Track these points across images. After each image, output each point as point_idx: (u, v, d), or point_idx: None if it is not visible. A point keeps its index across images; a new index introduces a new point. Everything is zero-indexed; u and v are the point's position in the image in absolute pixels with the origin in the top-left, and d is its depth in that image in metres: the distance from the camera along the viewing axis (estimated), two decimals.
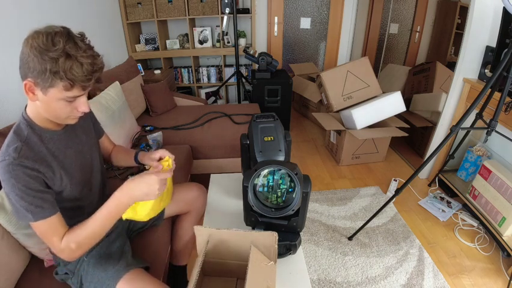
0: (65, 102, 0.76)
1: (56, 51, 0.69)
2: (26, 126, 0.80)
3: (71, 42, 0.71)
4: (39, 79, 0.71)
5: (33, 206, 0.75)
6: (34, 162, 0.76)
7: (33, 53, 0.69)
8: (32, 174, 0.75)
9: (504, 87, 1.27)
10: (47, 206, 0.77)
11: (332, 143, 2.69)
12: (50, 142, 0.83)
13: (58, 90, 0.73)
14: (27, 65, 0.71)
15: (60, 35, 0.70)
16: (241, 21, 3.36)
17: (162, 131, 2.10)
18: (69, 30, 0.74)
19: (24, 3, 1.62)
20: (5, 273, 0.98)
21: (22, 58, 0.72)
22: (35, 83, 0.72)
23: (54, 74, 0.70)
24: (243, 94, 3.28)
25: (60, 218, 0.80)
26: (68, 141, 0.89)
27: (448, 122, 2.09)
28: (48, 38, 0.69)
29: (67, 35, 0.72)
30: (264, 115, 1.02)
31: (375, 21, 3.79)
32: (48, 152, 0.82)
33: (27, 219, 0.76)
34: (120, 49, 2.99)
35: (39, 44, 0.69)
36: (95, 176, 1.01)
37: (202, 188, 1.34)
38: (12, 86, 1.49)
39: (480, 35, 1.79)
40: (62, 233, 0.79)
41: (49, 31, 0.70)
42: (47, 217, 0.77)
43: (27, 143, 0.78)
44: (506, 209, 1.57)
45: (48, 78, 0.70)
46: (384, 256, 1.66)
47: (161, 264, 1.17)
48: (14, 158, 0.73)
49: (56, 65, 0.69)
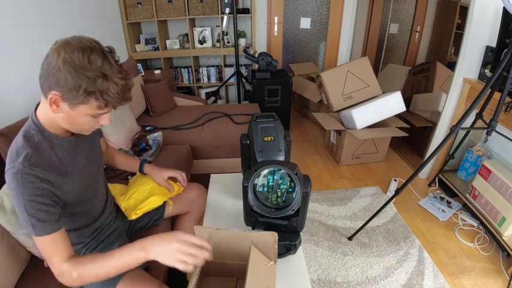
0: (90, 118, 0.76)
1: (93, 71, 0.67)
2: (36, 132, 0.77)
3: (106, 62, 0.70)
4: (69, 95, 0.69)
5: (35, 219, 0.72)
6: (44, 171, 0.75)
7: (67, 69, 0.66)
8: (40, 185, 0.73)
9: (504, 87, 1.27)
10: (50, 221, 0.74)
11: (332, 143, 2.69)
12: (61, 149, 0.82)
13: (89, 107, 0.72)
14: (55, 78, 0.68)
15: (97, 53, 0.69)
16: (241, 21, 3.36)
17: (162, 131, 2.10)
18: (101, 46, 0.73)
19: (24, 3, 1.62)
20: (5, 273, 0.98)
21: (48, 70, 0.68)
22: (62, 98, 0.70)
23: (89, 94, 0.69)
24: (243, 94, 3.28)
25: (63, 237, 0.77)
26: (77, 148, 0.88)
27: (447, 122, 2.08)
28: (85, 55, 0.67)
29: (103, 54, 0.70)
30: (264, 115, 1.02)
31: (375, 21, 3.79)
32: (57, 159, 0.80)
33: (29, 231, 0.73)
34: (120, 49, 2.99)
35: (74, 60, 0.66)
36: (99, 179, 1.01)
37: (202, 188, 1.34)
38: (13, 86, 1.49)
39: (480, 35, 1.79)
40: (64, 255, 0.75)
41: (84, 46, 0.68)
42: (49, 233, 0.73)
43: (37, 149, 0.76)
44: (506, 209, 1.57)
45: (81, 96, 0.69)
46: (384, 256, 1.66)
47: (161, 265, 1.16)
48: (24, 165, 0.71)
49: (93, 85, 0.68)
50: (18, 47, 1.55)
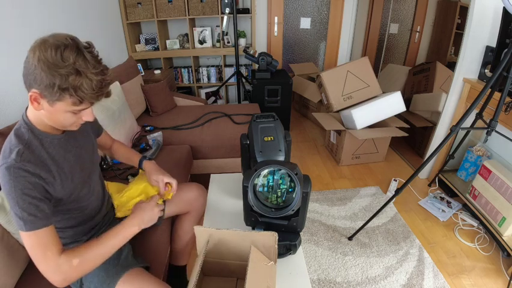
0: (71, 114, 0.76)
1: (65, 68, 0.67)
2: (27, 130, 0.79)
3: (80, 57, 0.69)
4: (46, 92, 0.69)
5: (26, 213, 0.71)
6: (35, 167, 0.75)
7: (41, 67, 0.67)
8: (32, 180, 0.74)
9: (504, 87, 1.27)
10: (41, 215, 0.73)
11: (332, 143, 2.69)
12: (51, 146, 0.82)
13: (66, 104, 0.72)
14: (33, 76, 0.69)
15: (70, 49, 0.69)
16: (241, 21, 3.36)
17: (162, 131, 2.10)
18: (78, 42, 0.72)
19: (24, 3, 1.62)
20: (5, 274, 0.98)
21: (27, 68, 0.69)
22: (41, 95, 0.71)
23: (63, 90, 0.69)
24: (243, 94, 3.28)
25: (53, 233, 0.76)
26: (68, 145, 0.88)
27: (448, 122, 2.09)
28: (58, 52, 0.67)
29: (77, 49, 0.70)
30: (264, 115, 1.02)
31: (375, 21, 3.79)
32: (48, 157, 0.81)
33: (20, 227, 0.73)
34: (120, 49, 2.99)
35: (47, 57, 0.67)
36: (94, 177, 1.01)
37: (202, 188, 1.34)
38: (12, 86, 1.49)
39: (480, 35, 1.79)
40: (58, 248, 0.76)
41: (58, 43, 0.68)
42: (39, 228, 0.73)
43: (28, 146, 0.77)
44: (506, 209, 1.57)
45: (56, 93, 0.69)
46: (384, 256, 1.66)
47: (161, 264, 1.17)
48: (16, 161, 0.72)
49: (65, 81, 0.68)
50: (18, 47, 1.55)
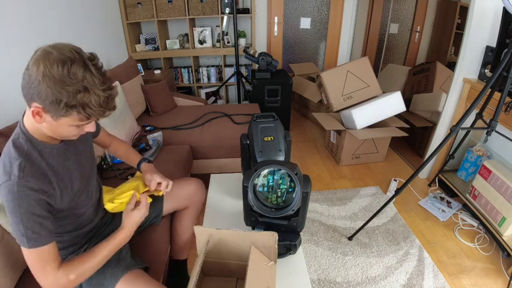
0: (74, 127, 0.75)
1: (74, 85, 0.66)
2: (25, 140, 0.76)
3: (88, 73, 0.68)
4: (51, 108, 0.67)
5: (30, 232, 0.71)
6: (37, 181, 0.74)
7: (46, 83, 0.64)
8: (36, 197, 0.73)
9: (504, 87, 1.27)
10: (44, 233, 0.74)
11: (332, 143, 2.69)
12: (50, 157, 0.81)
13: (72, 119, 0.71)
14: (36, 91, 0.66)
15: (77, 65, 0.66)
16: (241, 21, 3.36)
17: (162, 131, 2.10)
18: (83, 55, 0.70)
19: (24, 3, 1.62)
20: (5, 274, 0.98)
21: (29, 81, 0.66)
22: (44, 110, 0.69)
23: (71, 107, 0.67)
24: (243, 94, 3.28)
25: (54, 249, 0.77)
26: (67, 153, 0.87)
27: (447, 122, 2.08)
28: (65, 68, 0.65)
29: (84, 65, 0.68)
30: (264, 115, 1.02)
31: (375, 21, 3.79)
32: (48, 167, 0.79)
33: (22, 243, 0.73)
34: (120, 49, 2.99)
35: (53, 74, 0.64)
36: (92, 182, 1.00)
37: (201, 183, 1.33)
38: (12, 86, 1.49)
39: (480, 35, 1.79)
40: (57, 263, 0.76)
41: (64, 58, 0.66)
42: (41, 245, 0.73)
43: (28, 158, 0.75)
44: (506, 209, 1.57)
45: (62, 109, 0.67)
46: (384, 256, 1.66)
47: (161, 264, 1.17)
48: (20, 177, 0.71)
49: (73, 99, 0.66)
50: (19, 47, 1.55)
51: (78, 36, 2.14)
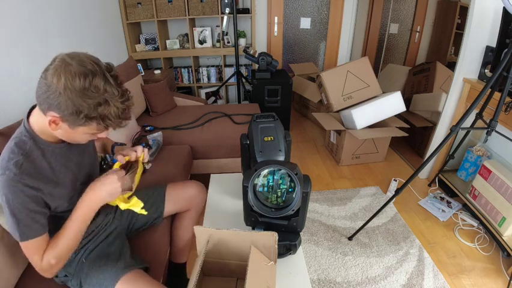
0: (89, 135, 0.77)
1: (95, 98, 0.67)
2: (28, 138, 0.77)
3: (108, 85, 0.69)
4: (69, 118, 0.69)
5: (22, 225, 0.73)
6: (34, 180, 0.75)
7: (68, 95, 0.65)
8: (30, 193, 0.74)
9: (504, 87, 1.27)
10: (36, 226, 0.76)
11: (332, 143, 2.69)
12: (52, 156, 0.81)
13: (89, 129, 0.73)
14: (55, 102, 0.67)
15: (98, 78, 0.68)
16: (241, 21, 3.36)
17: (162, 131, 2.10)
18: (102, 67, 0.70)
19: (24, 3, 1.62)
20: (5, 274, 0.98)
21: (48, 92, 0.66)
22: (62, 119, 0.70)
23: (91, 119, 0.69)
24: (243, 94, 3.28)
25: (43, 240, 0.78)
26: (70, 154, 0.88)
27: (448, 122, 2.08)
28: (87, 82, 0.66)
29: (104, 77, 0.69)
30: (264, 115, 1.02)
31: (375, 21, 3.79)
32: (49, 167, 0.80)
33: (14, 236, 0.75)
34: (120, 49, 2.99)
35: (75, 87, 0.65)
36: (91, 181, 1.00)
37: (201, 185, 1.33)
38: (12, 86, 1.49)
39: (480, 35, 1.79)
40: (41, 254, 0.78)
41: (85, 71, 0.66)
42: (31, 238, 0.75)
43: (28, 156, 0.75)
44: (506, 209, 1.57)
45: (81, 120, 0.69)
46: (384, 256, 1.66)
47: (161, 264, 1.17)
48: (15, 173, 0.71)
49: (94, 111, 0.68)
50: (19, 47, 1.55)
51: (78, 36, 2.14)
